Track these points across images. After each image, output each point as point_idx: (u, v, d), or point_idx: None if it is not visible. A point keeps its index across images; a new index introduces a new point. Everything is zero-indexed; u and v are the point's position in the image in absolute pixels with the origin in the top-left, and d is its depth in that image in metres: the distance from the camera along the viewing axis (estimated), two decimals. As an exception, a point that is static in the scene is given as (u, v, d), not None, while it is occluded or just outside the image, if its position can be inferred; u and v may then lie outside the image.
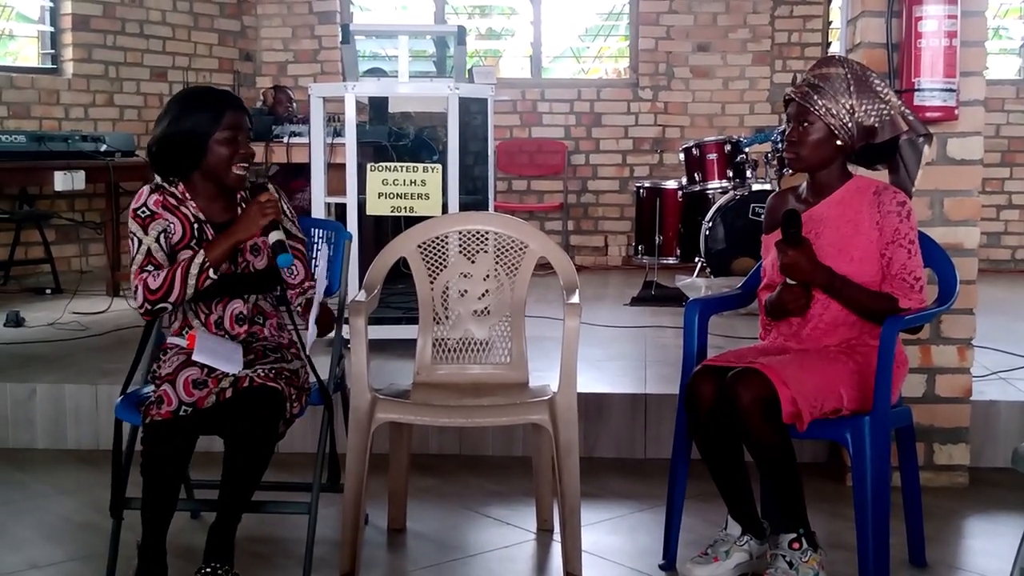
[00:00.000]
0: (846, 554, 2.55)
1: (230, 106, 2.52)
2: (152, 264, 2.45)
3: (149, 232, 2.48)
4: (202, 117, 2.48)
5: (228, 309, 2.55)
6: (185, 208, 2.53)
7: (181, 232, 2.51)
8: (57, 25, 6.74)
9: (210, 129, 2.48)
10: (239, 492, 2.37)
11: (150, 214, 2.50)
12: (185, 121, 2.49)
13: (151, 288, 2.43)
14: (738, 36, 7.52)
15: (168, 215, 2.51)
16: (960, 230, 3.13)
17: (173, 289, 2.42)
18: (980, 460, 3.31)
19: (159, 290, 2.42)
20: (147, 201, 2.51)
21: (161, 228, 2.49)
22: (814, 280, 2.44)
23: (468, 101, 4.38)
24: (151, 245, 2.47)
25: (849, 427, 2.37)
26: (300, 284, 2.60)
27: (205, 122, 2.48)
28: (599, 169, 7.60)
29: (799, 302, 2.46)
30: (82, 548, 2.73)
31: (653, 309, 5.31)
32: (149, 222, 2.49)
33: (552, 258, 2.81)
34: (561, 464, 2.49)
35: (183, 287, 2.42)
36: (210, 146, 2.48)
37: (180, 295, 2.43)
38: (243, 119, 2.53)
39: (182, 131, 2.49)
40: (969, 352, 3.19)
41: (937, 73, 2.97)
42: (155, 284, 2.43)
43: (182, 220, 2.52)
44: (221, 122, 2.48)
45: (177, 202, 2.53)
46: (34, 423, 3.61)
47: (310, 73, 7.61)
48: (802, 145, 2.48)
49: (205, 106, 2.50)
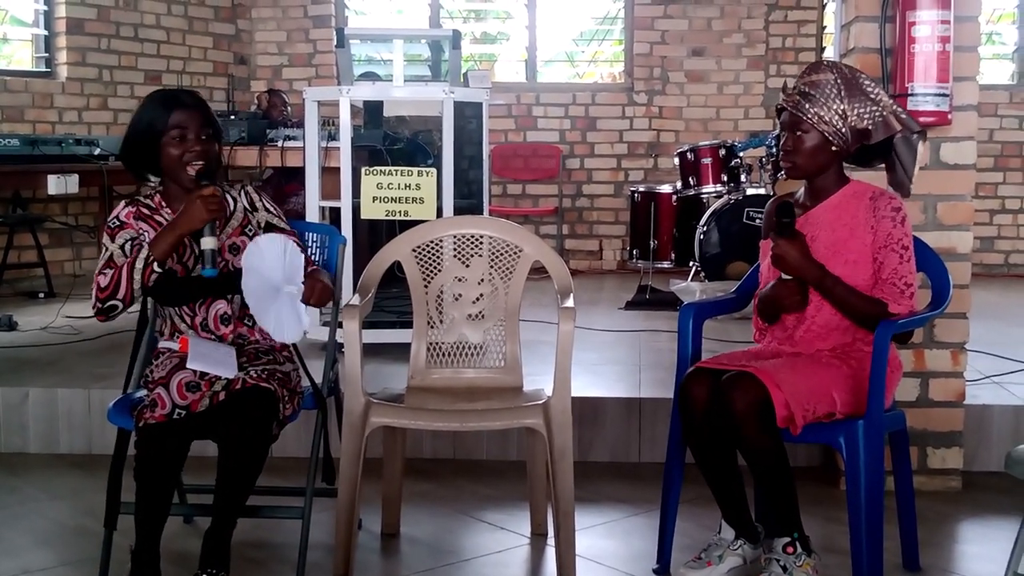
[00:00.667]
0: (840, 558, 2.55)
1: (178, 105, 2.51)
2: (109, 267, 2.46)
3: (116, 240, 2.49)
4: (152, 117, 2.50)
5: (212, 310, 2.54)
6: (159, 216, 2.53)
7: None
8: (51, 28, 6.73)
9: (160, 129, 2.49)
10: (234, 495, 2.36)
11: (119, 224, 2.51)
12: (140, 122, 2.52)
13: (100, 286, 2.43)
14: (733, 41, 7.53)
15: (140, 224, 2.51)
16: (953, 234, 3.14)
17: (120, 286, 2.41)
18: (973, 464, 3.32)
19: (107, 287, 2.42)
20: (119, 214, 2.53)
21: (129, 236, 2.50)
22: (804, 274, 2.45)
23: (463, 105, 4.38)
24: (114, 251, 2.48)
25: (843, 431, 2.38)
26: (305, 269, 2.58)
27: (156, 122, 2.49)
28: (594, 173, 7.61)
29: (793, 298, 2.47)
30: (75, 553, 2.72)
31: (648, 313, 5.31)
32: (117, 232, 2.51)
33: (546, 262, 2.81)
34: (555, 468, 2.49)
35: (129, 283, 2.41)
36: (162, 147, 2.50)
37: (127, 291, 2.41)
38: (192, 116, 2.50)
39: (137, 132, 2.52)
40: (962, 356, 3.20)
41: (931, 78, 2.98)
42: (104, 282, 2.43)
43: (156, 228, 2.50)
44: (168, 122, 2.48)
45: (151, 211, 2.54)
46: (27, 427, 3.60)
47: (305, 77, 7.61)
48: (798, 154, 2.49)
49: (156, 107, 2.52)
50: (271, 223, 2.62)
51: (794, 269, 2.45)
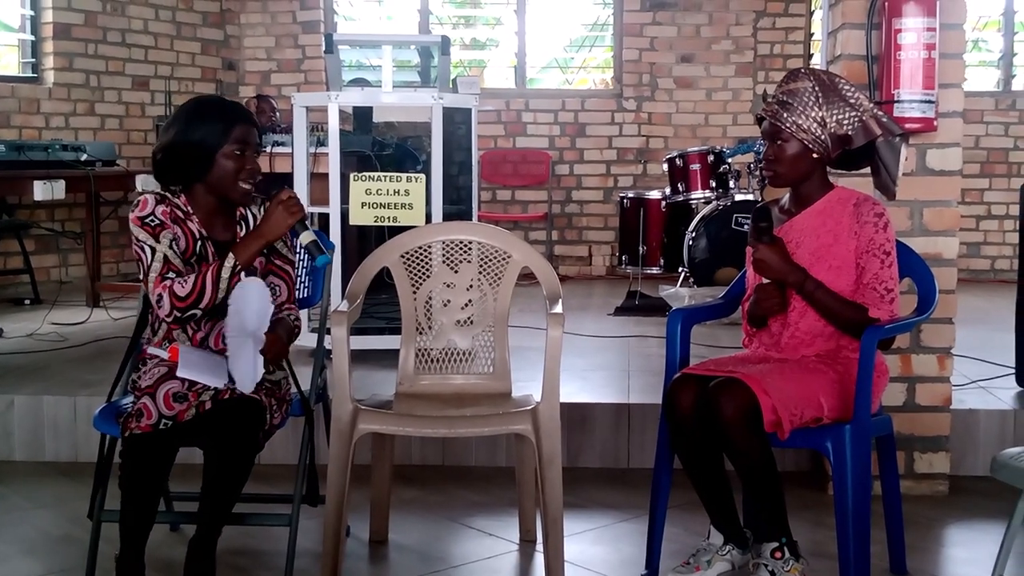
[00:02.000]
0: (828, 563, 2.55)
1: (240, 119, 2.47)
2: (172, 271, 2.40)
3: (161, 240, 2.42)
4: (212, 129, 2.44)
5: (216, 328, 2.50)
6: (191, 222, 2.49)
7: (186, 245, 2.47)
8: (38, 34, 6.71)
9: (219, 142, 2.43)
10: (220, 504, 2.34)
11: (160, 223, 2.44)
12: (194, 132, 2.44)
13: (179, 295, 2.37)
14: (721, 48, 7.56)
15: (176, 227, 2.47)
16: (939, 240, 3.16)
17: (205, 293, 2.37)
18: (960, 468, 3.33)
19: (189, 296, 2.37)
20: (154, 211, 2.45)
21: (171, 237, 2.44)
22: (786, 277, 2.46)
23: (452, 111, 4.38)
24: (167, 252, 2.41)
25: (830, 436, 2.38)
26: (279, 306, 2.56)
27: (214, 134, 2.43)
28: (583, 179, 7.62)
29: (772, 300, 2.48)
30: (60, 561, 2.70)
31: (637, 319, 5.32)
32: (159, 231, 2.43)
33: (535, 268, 2.81)
34: (544, 474, 2.49)
35: (215, 291, 2.38)
36: (217, 159, 2.44)
37: (211, 299, 2.38)
38: (252, 133, 2.49)
39: (190, 141, 2.44)
40: (949, 361, 3.21)
41: (916, 85, 2.99)
42: (183, 291, 2.37)
43: (188, 234, 2.48)
44: (230, 135, 2.44)
45: (183, 216, 2.49)
46: (12, 435, 3.57)
47: (294, 83, 7.60)
48: (779, 163, 2.50)
49: (215, 118, 2.45)
50: (275, 247, 2.57)
51: (776, 273, 2.46)
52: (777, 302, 2.48)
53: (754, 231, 2.48)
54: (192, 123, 2.46)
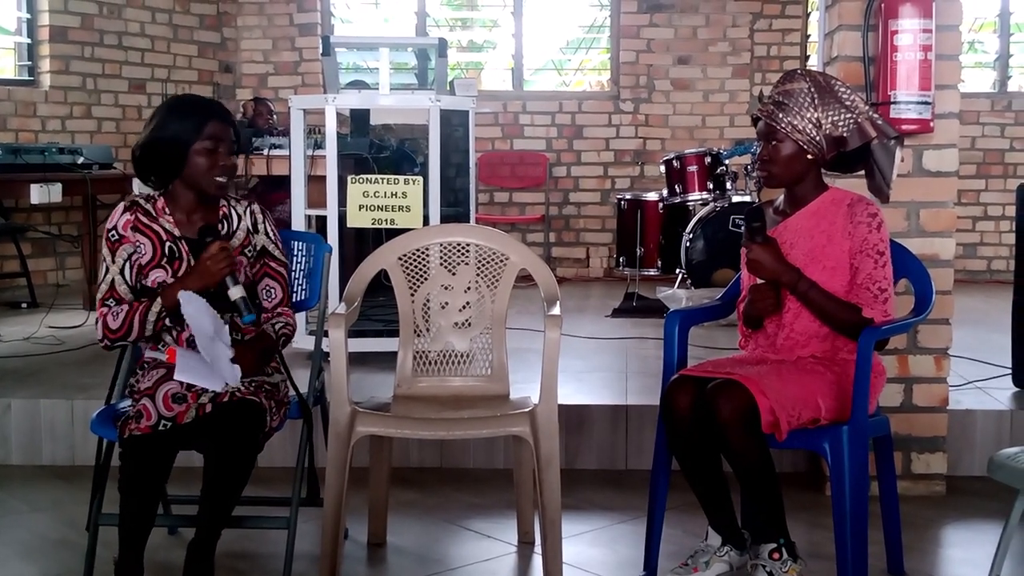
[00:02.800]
0: (826, 564, 2.56)
1: (213, 116, 2.51)
2: (114, 298, 2.47)
3: (117, 258, 2.49)
4: (184, 125, 2.48)
5: None
6: (158, 225, 2.52)
7: (151, 252, 2.50)
8: (34, 37, 6.70)
9: (191, 138, 2.47)
10: (219, 508, 2.34)
11: (118, 238, 2.50)
12: (168, 128, 2.49)
13: (110, 327, 2.46)
14: (718, 49, 7.57)
15: (138, 236, 2.50)
16: (936, 241, 3.16)
17: (132, 331, 2.45)
18: (957, 469, 3.33)
19: (119, 330, 2.45)
20: (118, 223, 2.51)
21: (128, 252, 2.49)
22: (780, 277, 2.46)
23: (449, 113, 4.38)
24: (115, 277, 2.48)
25: (827, 437, 2.38)
26: (274, 308, 2.59)
27: (187, 131, 2.47)
28: (580, 181, 7.62)
29: (767, 301, 2.48)
30: (57, 566, 2.70)
31: (634, 320, 5.32)
32: (117, 247, 2.50)
33: (533, 270, 2.81)
34: (542, 476, 2.49)
35: (141, 330, 2.45)
36: (190, 155, 2.48)
37: (139, 336, 2.46)
38: (226, 130, 2.52)
39: (164, 138, 2.49)
40: (945, 362, 3.22)
41: (913, 86, 3.00)
42: (115, 324, 2.45)
43: (153, 239, 2.50)
44: (203, 132, 2.47)
45: (150, 219, 2.52)
46: (9, 439, 3.57)
47: (291, 85, 7.60)
48: (774, 163, 2.50)
49: (189, 114, 2.50)
50: (267, 249, 2.60)
51: (769, 273, 2.46)
52: (771, 303, 2.49)
53: (747, 231, 2.49)
54: (167, 120, 2.50)
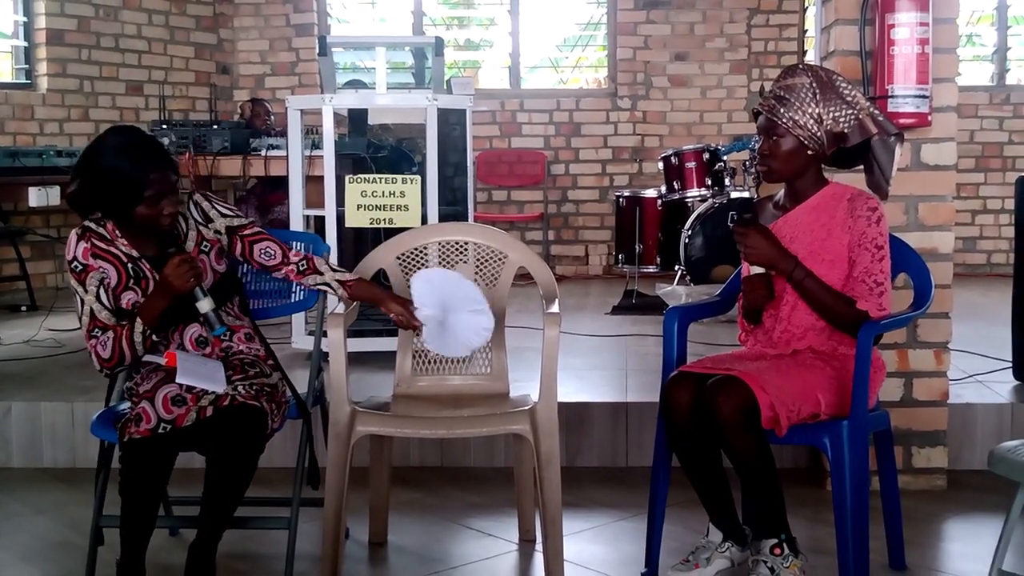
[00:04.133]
0: (827, 559, 2.56)
1: (154, 168, 2.36)
2: (98, 327, 2.41)
3: (88, 288, 2.42)
4: (125, 177, 2.34)
5: (187, 335, 2.51)
6: (115, 248, 2.46)
7: (117, 277, 2.45)
8: (31, 40, 6.70)
9: (134, 192, 2.35)
10: (220, 510, 2.35)
11: (82, 268, 2.43)
12: (105, 184, 2.36)
13: (103, 357, 2.42)
14: (715, 45, 7.56)
15: (99, 263, 2.44)
16: (935, 235, 3.16)
17: (124, 356, 2.42)
18: (958, 463, 3.33)
19: (111, 359, 2.42)
20: (76, 253, 2.43)
21: (98, 279, 2.44)
22: (776, 264, 2.46)
23: (447, 112, 4.38)
24: (93, 305, 2.42)
25: (828, 432, 2.38)
26: (278, 266, 2.60)
27: (127, 189, 2.35)
28: (579, 179, 7.62)
29: (758, 292, 2.49)
30: (59, 568, 2.70)
31: (634, 318, 5.32)
32: (84, 276, 2.43)
33: (531, 268, 2.81)
34: (542, 474, 2.49)
35: (132, 352, 2.41)
36: (135, 210, 2.38)
37: (131, 357, 2.42)
38: (167, 180, 2.38)
39: (102, 190, 2.38)
40: (945, 356, 3.22)
41: (910, 80, 2.99)
42: (106, 354, 2.41)
43: (114, 263, 2.45)
44: (145, 184, 2.34)
45: (106, 244, 2.46)
46: (9, 441, 3.57)
47: (288, 86, 7.60)
48: (773, 158, 2.50)
49: (126, 169, 2.34)
50: (232, 225, 2.57)
51: (766, 259, 2.46)
52: (762, 293, 2.49)
53: (738, 223, 2.49)
54: (104, 172, 2.37)
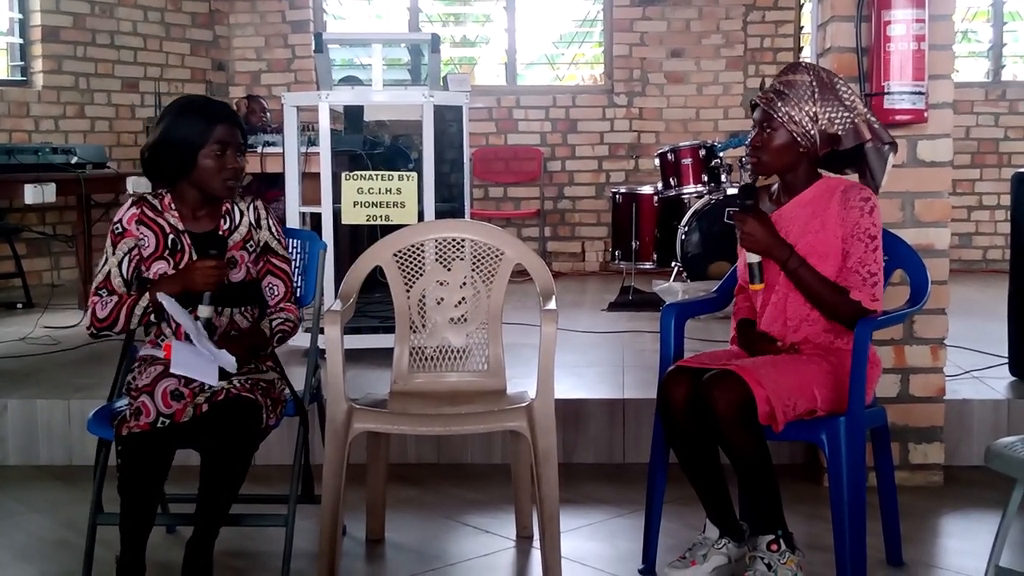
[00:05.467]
0: (824, 555, 2.56)
1: (222, 119, 2.52)
2: (107, 288, 2.50)
3: (117, 251, 2.52)
4: (193, 129, 2.49)
5: None
6: (163, 219, 2.54)
7: (154, 245, 2.52)
8: (26, 37, 6.68)
9: (200, 142, 2.48)
10: (216, 506, 2.35)
11: (121, 231, 2.53)
12: (177, 131, 2.51)
13: (98, 316, 2.50)
14: (711, 42, 7.56)
15: (142, 229, 2.52)
16: (931, 231, 3.16)
17: (118, 322, 2.49)
18: (955, 459, 3.34)
19: (105, 320, 2.49)
20: (123, 217, 2.54)
21: (129, 247, 2.52)
22: (772, 252, 2.47)
23: (443, 109, 4.37)
24: (112, 269, 2.51)
25: (824, 428, 2.38)
26: (276, 304, 2.61)
27: (196, 134, 2.49)
28: (575, 175, 7.62)
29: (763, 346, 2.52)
30: (55, 567, 2.69)
31: (631, 314, 5.32)
32: (119, 240, 2.53)
33: (528, 264, 2.81)
34: (540, 471, 2.49)
35: (127, 322, 2.49)
36: (199, 159, 2.49)
37: (123, 328, 2.50)
38: (234, 133, 2.53)
39: (173, 140, 2.50)
40: (942, 352, 3.22)
41: (906, 76, 3.00)
42: (102, 313, 2.49)
43: (157, 232, 2.52)
44: (211, 135, 2.49)
45: (155, 214, 2.54)
46: (5, 440, 3.56)
47: (284, 82, 7.58)
48: (764, 150, 2.51)
49: (198, 118, 2.51)
50: (270, 245, 2.63)
51: (763, 246, 2.47)
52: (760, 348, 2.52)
53: (740, 207, 2.50)
54: (176, 122, 2.52)
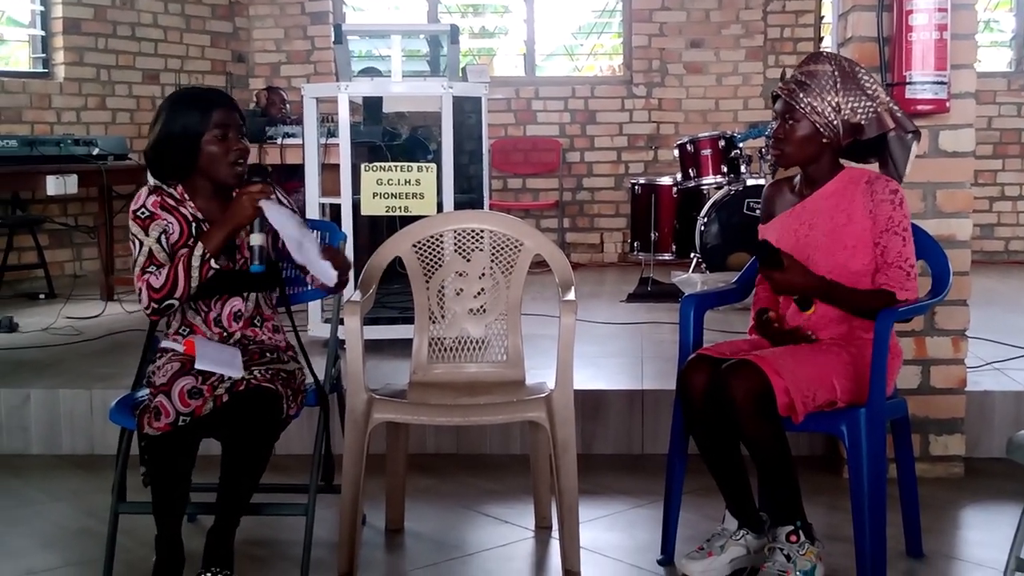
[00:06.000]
0: (843, 546, 2.55)
1: (218, 104, 2.51)
2: (154, 264, 2.45)
3: (150, 233, 2.48)
4: (191, 118, 2.49)
5: (227, 307, 2.55)
6: (184, 208, 2.54)
7: (179, 231, 2.51)
8: (48, 29, 6.72)
9: (200, 129, 2.48)
10: (237, 495, 2.36)
11: (149, 215, 2.50)
12: (175, 123, 2.50)
13: (155, 287, 2.41)
14: (731, 32, 7.52)
15: (166, 215, 2.51)
16: (953, 222, 3.14)
17: (177, 284, 2.41)
18: (976, 450, 3.32)
19: (163, 287, 2.41)
20: (145, 202, 2.52)
21: (161, 228, 2.49)
22: (809, 292, 2.47)
23: (462, 100, 4.37)
24: (152, 246, 2.47)
25: (845, 420, 2.38)
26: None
27: (194, 123, 2.48)
28: (594, 166, 7.61)
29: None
30: (78, 554, 2.72)
31: (649, 306, 5.31)
32: (149, 223, 2.49)
33: (547, 254, 2.81)
34: (558, 461, 2.49)
35: (187, 281, 2.41)
36: (202, 146, 2.49)
37: (185, 289, 2.41)
38: (232, 116, 2.52)
39: (173, 133, 2.49)
40: (963, 343, 3.20)
41: (928, 66, 2.97)
42: (158, 282, 2.41)
43: (180, 220, 2.52)
44: (210, 121, 2.48)
45: (175, 203, 2.54)
46: (28, 429, 3.60)
47: (303, 74, 7.60)
48: (787, 142, 2.49)
49: (193, 107, 2.50)
50: None
51: (800, 290, 2.47)
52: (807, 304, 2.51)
53: (761, 264, 2.49)
54: (172, 116, 2.51)
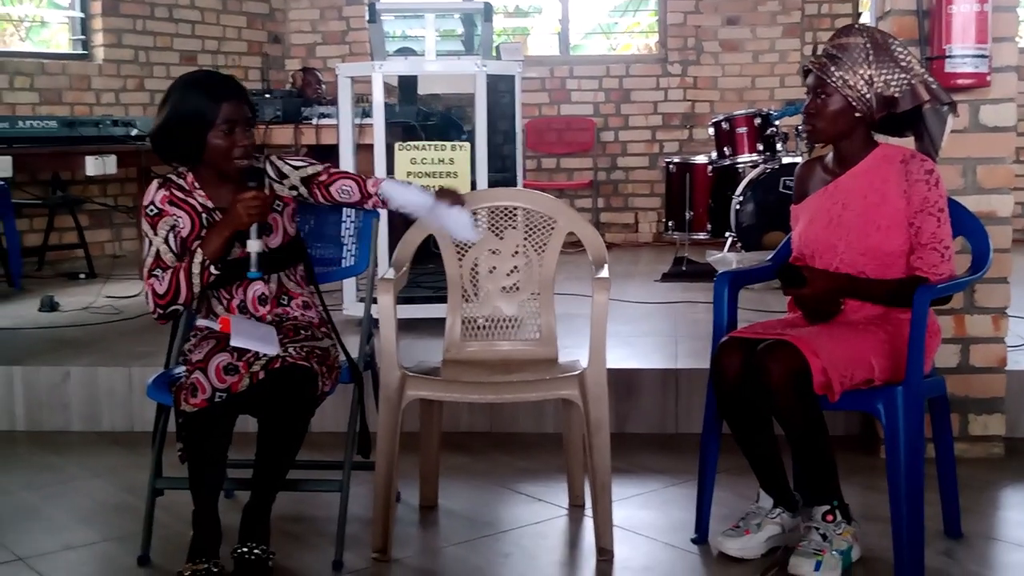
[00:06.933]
0: (880, 526, 2.53)
1: (226, 97, 2.46)
2: (160, 267, 2.46)
3: (158, 231, 2.48)
4: (198, 110, 2.44)
5: (250, 291, 2.55)
6: (192, 199, 2.52)
7: (190, 225, 2.51)
8: (87, 11, 6.80)
9: (207, 123, 2.44)
10: (273, 471, 2.39)
11: (157, 212, 2.50)
12: (181, 113, 2.46)
13: (159, 293, 2.44)
14: (767, 8, 7.43)
15: (175, 210, 2.51)
16: (993, 198, 3.09)
17: (180, 292, 2.43)
18: (1016, 430, 3.27)
19: (166, 294, 2.44)
20: (154, 199, 2.51)
21: (169, 225, 2.49)
22: (837, 294, 2.44)
23: (496, 79, 4.35)
24: (160, 247, 2.47)
25: (882, 398, 2.35)
26: (360, 201, 2.65)
27: (201, 115, 2.44)
28: (628, 146, 7.56)
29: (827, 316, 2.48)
30: (116, 529, 2.76)
31: (684, 285, 5.29)
32: (157, 220, 2.49)
33: (580, 232, 2.80)
34: (592, 440, 2.49)
35: (188, 288, 2.43)
36: (208, 139, 2.46)
37: (187, 296, 2.44)
38: (241, 109, 2.48)
39: (179, 122, 2.47)
40: (1003, 321, 3.15)
41: (968, 39, 2.91)
42: (161, 289, 2.44)
43: (189, 212, 2.51)
44: (217, 115, 2.44)
45: (184, 194, 2.53)
46: (68, 406, 3.66)
47: (339, 55, 7.62)
48: (819, 117, 2.45)
49: (201, 98, 2.45)
50: (306, 176, 2.60)
51: (830, 296, 2.44)
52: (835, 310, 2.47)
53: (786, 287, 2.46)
54: (180, 104, 2.47)
